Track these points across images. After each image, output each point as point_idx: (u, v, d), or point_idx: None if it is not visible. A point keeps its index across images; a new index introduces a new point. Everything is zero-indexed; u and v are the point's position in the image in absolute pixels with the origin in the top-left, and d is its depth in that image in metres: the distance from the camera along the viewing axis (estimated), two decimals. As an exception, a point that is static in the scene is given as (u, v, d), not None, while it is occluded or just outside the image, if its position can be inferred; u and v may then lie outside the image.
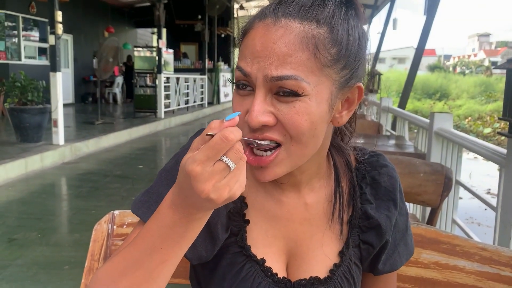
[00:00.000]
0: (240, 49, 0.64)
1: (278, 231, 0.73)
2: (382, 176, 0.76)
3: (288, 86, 0.58)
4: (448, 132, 2.65)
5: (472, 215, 5.20)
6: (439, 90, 26.75)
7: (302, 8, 0.60)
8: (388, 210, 0.75)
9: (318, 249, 0.73)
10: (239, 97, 0.64)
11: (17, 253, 3.09)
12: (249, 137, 0.61)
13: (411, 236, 0.81)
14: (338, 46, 0.61)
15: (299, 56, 0.58)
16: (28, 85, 5.95)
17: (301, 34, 0.59)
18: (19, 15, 11.05)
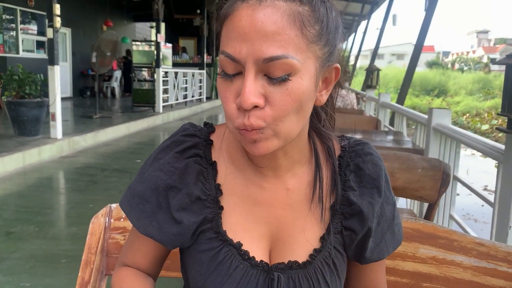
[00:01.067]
0: (223, 34, 0.63)
1: (259, 216, 0.74)
2: (367, 164, 0.76)
3: (279, 66, 0.59)
4: (446, 127, 2.65)
5: (469, 212, 5.22)
6: (437, 87, 26.81)
7: None
8: (372, 197, 0.75)
9: (300, 234, 0.74)
10: (226, 82, 0.63)
11: (15, 246, 3.09)
12: (239, 123, 0.61)
13: (399, 226, 0.80)
14: (320, 23, 0.62)
15: (288, 34, 0.58)
16: (25, 79, 5.93)
17: (288, 11, 0.59)
18: (17, 8, 10.99)
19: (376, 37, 11.40)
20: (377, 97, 5.78)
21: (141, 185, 0.75)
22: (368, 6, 14.26)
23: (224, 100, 0.63)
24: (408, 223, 1.00)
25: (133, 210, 0.75)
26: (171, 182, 0.72)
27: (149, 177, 0.74)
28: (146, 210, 0.74)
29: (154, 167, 0.74)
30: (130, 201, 0.76)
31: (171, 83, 11.68)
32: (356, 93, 8.35)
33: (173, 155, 0.74)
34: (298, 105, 0.62)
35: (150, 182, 0.74)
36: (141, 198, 0.74)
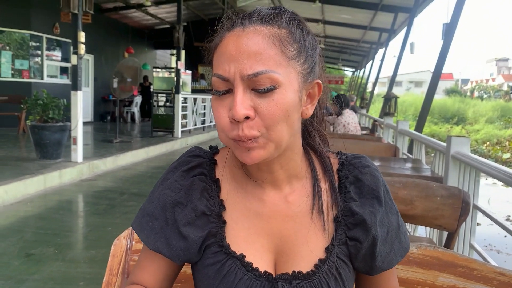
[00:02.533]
0: (214, 60, 0.71)
1: (261, 229, 0.77)
2: (365, 175, 0.79)
3: (263, 80, 0.66)
4: (465, 156, 2.63)
5: (491, 242, 5.10)
6: (456, 114, 26.54)
7: (265, 17, 0.70)
8: (373, 206, 0.77)
9: (303, 245, 0.76)
10: (218, 100, 0.70)
11: (34, 268, 3.13)
12: (233, 134, 0.68)
13: (405, 234, 0.83)
14: (298, 43, 0.70)
15: (268, 53, 0.66)
16: (49, 103, 6.08)
17: (268, 34, 0.67)
18: (43, 36, 11.39)
19: (393, 64, 11.43)
20: (395, 124, 5.76)
21: (151, 204, 0.80)
22: (386, 35, 14.36)
23: (217, 115, 0.70)
24: (427, 251, 1.00)
25: (143, 229, 0.79)
26: (177, 198, 0.78)
27: (158, 196, 0.80)
28: (154, 227, 0.78)
29: (162, 187, 0.80)
30: (140, 221, 0.80)
31: (189, 108, 11.85)
32: (374, 120, 8.34)
33: (180, 173, 0.80)
34: (285, 114, 0.68)
35: (159, 200, 0.79)
36: (150, 217, 0.79)
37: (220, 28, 0.74)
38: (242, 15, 0.72)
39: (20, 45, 10.94)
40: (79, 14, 6.27)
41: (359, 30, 15.74)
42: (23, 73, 11.02)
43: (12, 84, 10.75)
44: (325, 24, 15.02)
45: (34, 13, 10.97)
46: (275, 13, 0.71)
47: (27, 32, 10.93)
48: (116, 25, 15.33)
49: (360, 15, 13.24)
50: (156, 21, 16.63)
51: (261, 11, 0.72)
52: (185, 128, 11.56)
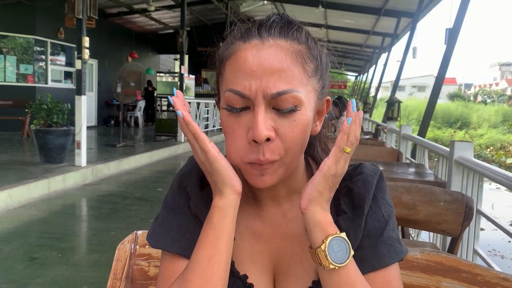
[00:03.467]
0: (228, 73, 0.67)
1: (263, 246, 0.77)
2: (355, 183, 0.76)
3: (286, 100, 0.64)
4: (469, 161, 2.63)
5: (495, 247, 5.07)
6: (459, 119, 26.48)
7: (284, 30, 0.67)
8: (360, 216, 0.74)
9: (298, 265, 0.75)
10: (233, 118, 0.67)
11: (38, 272, 3.14)
12: (252, 158, 0.66)
13: (390, 247, 0.74)
14: (315, 60, 0.68)
15: (292, 70, 0.64)
16: (53, 108, 6.11)
17: (290, 50, 0.65)
18: (48, 40, 11.46)
19: (396, 69, 11.43)
20: (398, 129, 5.76)
21: (175, 215, 0.78)
22: (389, 39, 14.36)
23: (233, 134, 0.67)
24: (430, 256, 1.00)
25: (175, 241, 0.75)
26: (196, 210, 0.77)
27: (182, 207, 0.78)
28: (185, 234, 0.76)
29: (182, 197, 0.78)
30: (170, 235, 0.76)
31: (193, 113, 11.87)
32: (377, 124, 8.33)
33: (197, 183, 0.77)
34: (304, 135, 0.67)
35: (185, 212, 0.78)
36: (184, 228, 0.76)
37: (232, 36, 0.70)
38: (257, 24, 0.68)
39: (24, 50, 11.00)
40: (83, 19, 6.30)
41: (362, 35, 15.77)
42: (27, 77, 11.08)
43: (16, 88, 10.81)
44: (328, 29, 15.05)
45: (39, 18, 11.04)
46: (293, 27, 0.68)
47: (32, 37, 11.00)
48: (120, 30, 15.41)
49: (363, 20, 13.26)
50: (159, 26, 16.70)
51: (278, 22, 0.68)
52: (188, 133, 11.56)
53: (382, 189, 0.77)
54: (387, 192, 0.79)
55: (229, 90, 0.65)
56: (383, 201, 0.77)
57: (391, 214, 0.78)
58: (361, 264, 0.72)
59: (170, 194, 0.80)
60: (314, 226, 0.68)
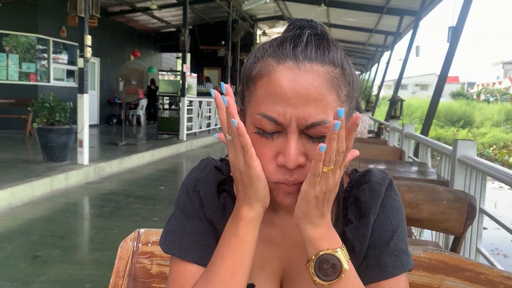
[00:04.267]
0: (259, 94, 0.65)
1: (273, 252, 0.77)
2: (363, 192, 0.75)
3: (319, 130, 0.63)
4: (472, 159, 2.62)
5: (498, 246, 5.06)
6: (462, 118, 26.39)
7: (320, 52, 0.65)
8: (366, 226, 0.73)
9: (306, 274, 0.73)
10: (263, 139, 0.66)
11: (40, 270, 3.14)
12: (279, 178, 0.66)
13: (396, 257, 0.73)
14: (349, 84, 0.67)
15: (328, 99, 0.63)
16: (56, 106, 6.12)
17: (326, 76, 0.63)
18: (50, 39, 11.47)
19: (399, 67, 11.41)
20: (401, 127, 5.75)
21: (191, 221, 0.76)
22: (391, 38, 14.33)
23: (261, 156, 0.66)
24: (433, 255, 1.00)
25: (191, 249, 0.74)
26: (210, 215, 0.76)
27: (196, 212, 0.76)
28: (200, 241, 0.74)
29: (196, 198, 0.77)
30: (187, 241, 0.74)
31: (195, 111, 11.88)
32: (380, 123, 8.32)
33: (214, 189, 0.76)
34: None
35: (199, 217, 0.76)
36: (199, 235, 0.74)
37: (263, 51, 0.68)
38: (291, 41, 0.66)
39: (27, 49, 11.02)
40: (85, 18, 6.31)
41: (365, 33, 15.74)
42: (30, 76, 11.10)
43: (19, 87, 10.83)
44: (331, 27, 15.02)
45: (41, 16, 11.05)
46: (329, 47, 0.66)
47: (34, 36, 11.02)
48: (122, 28, 15.41)
49: (366, 18, 13.23)
50: (162, 25, 16.70)
51: (312, 41, 0.66)
52: (191, 131, 11.59)
53: (391, 197, 0.76)
54: (396, 200, 0.77)
55: (262, 115, 0.64)
56: (392, 210, 0.75)
57: (400, 223, 0.76)
58: (364, 274, 0.71)
59: (183, 196, 0.77)
60: (306, 242, 0.67)
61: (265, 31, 19.06)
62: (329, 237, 0.67)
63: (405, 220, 0.78)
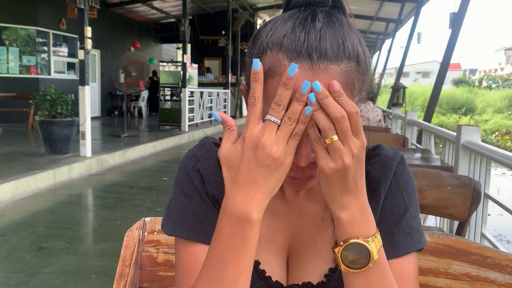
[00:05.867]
0: (271, 93, 0.61)
1: (279, 225, 0.75)
2: (372, 166, 0.73)
3: None
4: (476, 144, 2.61)
5: (501, 232, 5.06)
6: (464, 105, 26.33)
7: (335, 45, 0.60)
8: (377, 200, 0.71)
9: (312, 246, 0.73)
10: None
11: (46, 261, 3.16)
12: (291, 174, 0.64)
13: (408, 234, 0.71)
14: (362, 75, 0.64)
15: None
16: (57, 99, 6.12)
17: (340, 76, 0.60)
18: (50, 32, 11.44)
19: (401, 55, 11.35)
20: (404, 114, 5.73)
21: (191, 201, 0.72)
22: (393, 25, 14.24)
23: None
24: (440, 239, 1.00)
25: (195, 229, 0.71)
26: (213, 191, 0.72)
27: (196, 190, 0.73)
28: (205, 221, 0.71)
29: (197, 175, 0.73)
30: (187, 222, 0.71)
31: (196, 102, 11.87)
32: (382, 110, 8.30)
33: (214, 164, 0.73)
34: None
35: (200, 195, 0.73)
36: (201, 214, 0.71)
37: (271, 40, 0.63)
38: (303, 29, 0.61)
39: (26, 42, 10.99)
40: (85, 9, 6.28)
41: (366, 21, 15.63)
42: (30, 69, 11.08)
43: (19, 80, 10.82)
44: (331, 15, 14.88)
45: (40, 9, 11.01)
46: (345, 40, 0.62)
47: (34, 28, 10.98)
48: (121, 19, 15.34)
49: (367, 6, 13.14)
50: (161, 15, 16.61)
51: (326, 34, 0.61)
52: (192, 122, 11.59)
53: (405, 172, 0.74)
54: (410, 177, 0.75)
55: None
56: (406, 185, 0.73)
57: (413, 200, 0.74)
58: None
59: (181, 176, 0.74)
60: (336, 224, 0.64)
61: (266, 20, 18.94)
62: (362, 222, 0.63)
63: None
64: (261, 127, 0.59)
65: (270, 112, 0.59)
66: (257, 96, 0.59)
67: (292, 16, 0.64)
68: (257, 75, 0.58)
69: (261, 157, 0.59)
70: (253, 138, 0.59)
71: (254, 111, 0.59)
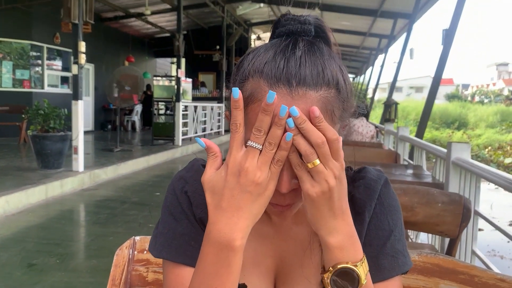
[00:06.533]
0: (252, 118, 0.61)
1: (266, 248, 0.75)
2: (357, 189, 0.73)
3: None
4: (466, 162, 2.64)
5: (494, 248, 5.08)
6: (457, 119, 26.54)
7: (315, 72, 0.61)
8: (362, 223, 0.72)
9: (298, 269, 0.73)
10: None
11: (36, 278, 3.13)
12: (273, 200, 0.64)
13: (392, 258, 0.72)
14: (343, 102, 0.64)
15: None
16: (51, 113, 6.11)
17: (319, 102, 0.60)
18: (44, 45, 11.45)
19: (394, 70, 11.45)
20: (396, 130, 5.77)
21: (179, 223, 0.73)
22: (385, 41, 14.40)
23: None
24: (428, 258, 1.01)
25: (182, 251, 0.71)
26: (199, 214, 0.73)
27: (182, 213, 0.73)
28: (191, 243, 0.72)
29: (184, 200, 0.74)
30: (175, 244, 0.72)
31: (190, 116, 11.88)
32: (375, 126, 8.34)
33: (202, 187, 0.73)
34: None
35: (187, 217, 0.73)
36: (188, 236, 0.72)
37: (253, 66, 0.64)
38: (283, 57, 0.62)
39: (20, 55, 10.99)
40: (79, 24, 6.30)
41: (359, 37, 15.81)
42: (23, 83, 11.07)
43: (13, 94, 10.79)
44: (325, 31, 15.03)
45: (35, 23, 11.04)
46: (323, 59, 0.63)
47: (28, 42, 10.99)
48: (116, 34, 15.41)
49: (360, 22, 13.29)
50: (156, 30, 16.72)
51: (306, 60, 0.62)
52: (186, 136, 11.58)
53: (389, 195, 0.74)
54: (394, 199, 0.75)
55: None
56: (391, 208, 0.74)
57: (398, 222, 0.74)
58: None
59: (170, 197, 0.75)
60: (324, 249, 0.64)
61: (260, 35, 19.11)
62: (350, 247, 0.63)
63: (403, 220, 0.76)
64: (243, 153, 0.59)
65: (251, 138, 0.59)
66: (238, 123, 0.59)
67: (274, 44, 0.65)
68: (237, 103, 0.59)
69: (244, 183, 0.59)
70: (236, 163, 0.59)
71: (236, 138, 0.60)
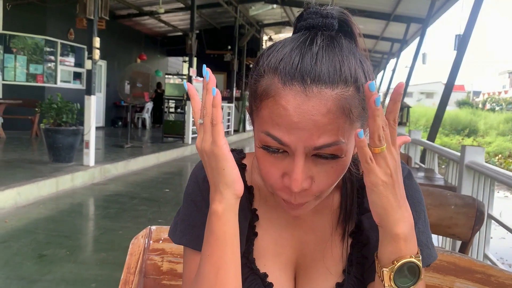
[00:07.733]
0: (265, 113, 0.61)
1: (286, 240, 0.75)
2: None
3: (329, 151, 0.60)
4: (480, 165, 2.62)
5: (503, 256, 5.02)
6: (467, 126, 26.32)
7: (332, 68, 0.59)
8: None
9: (320, 261, 0.73)
10: (271, 157, 0.63)
11: (46, 269, 3.15)
12: (284, 197, 0.65)
13: (421, 245, 0.71)
14: (362, 100, 0.61)
15: (337, 122, 0.58)
16: (63, 107, 6.16)
17: (336, 100, 0.58)
18: (58, 41, 11.56)
19: (405, 75, 11.40)
20: (407, 133, 5.74)
21: (199, 213, 0.74)
22: (398, 45, 14.35)
23: (266, 170, 0.64)
24: (444, 256, 1.00)
25: (185, 231, 0.74)
26: None
27: (200, 202, 0.74)
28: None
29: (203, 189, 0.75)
30: (187, 232, 0.73)
31: (201, 115, 11.89)
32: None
33: None
34: (342, 175, 0.64)
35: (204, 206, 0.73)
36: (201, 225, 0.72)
37: (267, 65, 0.62)
38: (299, 53, 0.60)
39: (34, 50, 11.10)
40: (94, 20, 6.35)
41: (371, 40, 15.76)
42: (37, 77, 11.18)
43: (26, 88, 10.91)
44: (337, 33, 14.99)
45: (50, 18, 11.14)
46: (341, 55, 0.61)
47: (42, 37, 11.10)
48: (129, 31, 15.50)
49: (372, 25, 13.25)
50: (169, 29, 16.78)
51: (323, 57, 0.60)
52: (196, 135, 11.58)
53: (413, 187, 0.73)
54: (417, 191, 0.74)
55: (266, 134, 0.61)
56: (414, 200, 0.72)
57: (421, 215, 0.73)
58: None
59: (192, 186, 0.75)
60: (388, 242, 0.60)
61: (271, 36, 19.11)
62: (412, 238, 0.61)
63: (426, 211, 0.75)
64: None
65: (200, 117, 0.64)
66: (218, 120, 0.61)
67: (293, 40, 0.64)
68: (214, 101, 0.61)
69: (202, 158, 0.65)
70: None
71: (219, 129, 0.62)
